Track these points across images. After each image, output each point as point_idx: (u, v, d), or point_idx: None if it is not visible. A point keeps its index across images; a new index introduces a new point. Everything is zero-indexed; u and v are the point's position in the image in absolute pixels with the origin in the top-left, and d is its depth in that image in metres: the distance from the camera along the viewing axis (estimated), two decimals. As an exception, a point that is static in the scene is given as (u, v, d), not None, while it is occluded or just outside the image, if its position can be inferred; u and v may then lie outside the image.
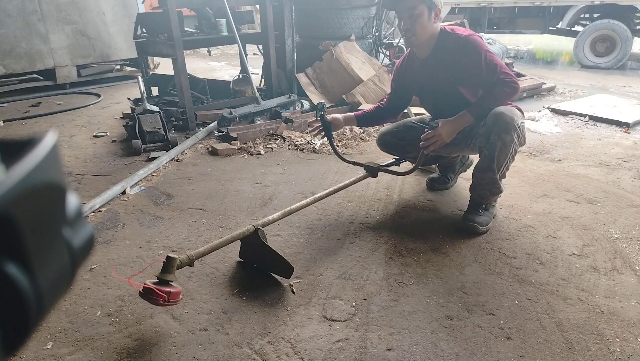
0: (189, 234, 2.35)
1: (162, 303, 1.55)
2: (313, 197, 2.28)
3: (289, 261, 1.85)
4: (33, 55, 5.84)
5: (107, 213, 2.60)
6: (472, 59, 2.12)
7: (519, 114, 2.17)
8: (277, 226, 2.38)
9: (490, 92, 2.13)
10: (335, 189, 2.37)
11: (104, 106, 5.32)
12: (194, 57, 9.51)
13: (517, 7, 8.26)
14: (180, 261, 1.65)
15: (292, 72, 4.89)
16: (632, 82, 6.09)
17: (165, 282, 1.59)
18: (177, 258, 1.63)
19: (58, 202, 0.31)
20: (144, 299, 1.58)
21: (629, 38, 7.06)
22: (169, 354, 1.56)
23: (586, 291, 1.82)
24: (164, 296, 1.53)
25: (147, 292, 1.54)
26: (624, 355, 1.50)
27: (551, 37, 9.40)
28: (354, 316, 1.71)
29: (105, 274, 2.01)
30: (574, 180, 2.91)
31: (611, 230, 2.28)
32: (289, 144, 3.71)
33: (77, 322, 1.72)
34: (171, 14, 3.84)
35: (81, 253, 0.32)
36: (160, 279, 1.60)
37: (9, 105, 5.39)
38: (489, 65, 2.11)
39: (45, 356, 1.56)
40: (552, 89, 5.59)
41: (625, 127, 3.97)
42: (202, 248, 1.77)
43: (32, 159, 0.27)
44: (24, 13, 5.66)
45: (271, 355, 1.54)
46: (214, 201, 2.71)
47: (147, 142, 3.62)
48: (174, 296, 1.57)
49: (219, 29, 4.44)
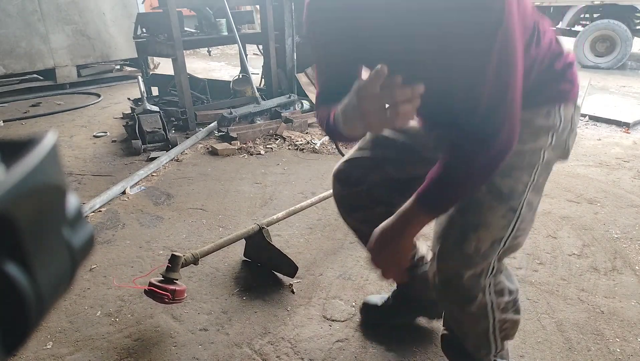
0: (189, 234, 2.35)
1: (167, 301, 1.57)
2: (317, 197, 2.27)
3: (293, 261, 1.86)
4: (33, 55, 5.84)
5: (107, 213, 2.60)
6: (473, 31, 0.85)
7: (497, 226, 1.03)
8: (278, 226, 2.38)
9: (458, 155, 0.95)
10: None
11: (104, 106, 5.32)
12: (194, 57, 9.51)
13: None
14: (185, 259, 1.66)
15: (292, 72, 4.88)
16: (632, 82, 6.09)
17: (170, 280, 1.61)
18: (182, 256, 1.65)
19: (58, 202, 0.31)
20: (149, 297, 1.59)
21: (629, 38, 7.06)
22: (169, 354, 1.56)
23: (586, 291, 1.82)
24: (169, 294, 1.55)
25: (152, 290, 1.56)
26: (624, 355, 1.50)
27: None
28: (354, 316, 1.71)
29: (105, 274, 2.01)
30: (574, 180, 2.91)
31: (611, 230, 2.28)
32: (289, 144, 3.71)
33: (77, 322, 1.72)
34: (171, 14, 3.84)
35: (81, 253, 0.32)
36: (165, 277, 1.62)
37: (9, 105, 5.39)
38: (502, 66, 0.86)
39: (45, 356, 1.56)
40: (552, 89, 5.58)
41: (625, 127, 3.97)
42: (206, 247, 1.77)
43: (32, 160, 0.27)
44: (24, 13, 5.66)
45: (271, 355, 1.54)
46: (214, 201, 2.71)
47: (147, 142, 3.62)
48: (178, 294, 1.58)
49: (219, 29, 4.44)
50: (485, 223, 1.02)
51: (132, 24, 4.90)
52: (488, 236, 1.02)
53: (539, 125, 1.06)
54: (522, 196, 1.04)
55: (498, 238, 1.04)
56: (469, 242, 1.02)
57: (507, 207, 1.03)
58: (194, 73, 5.14)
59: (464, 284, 1.05)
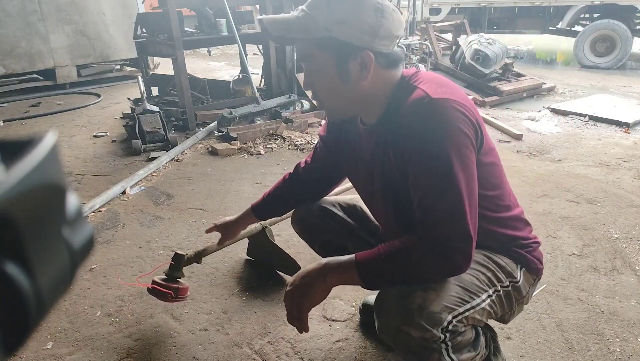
0: (189, 234, 2.35)
1: (170, 300, 1.58)
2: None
3: (295, 260, 1.86)
4: (33, 55, 5.84)
5: (107, 213, 2.60)
6: (419, 157, 0.97)
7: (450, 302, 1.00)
8: (278, 226, 2.38)
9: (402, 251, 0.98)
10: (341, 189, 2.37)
11: (104, 106, 5.32)
12: (194, 57, 9.51)
13: (517, 7, 8.26)
14: (187, 257, 1.66)
15: (292, 72, 4.88)
16: (632, 82, 6.09)
17: (173, 278, 1.62)
18: (185, 255, 1.66)
19: (58, 202, 0.31)
20: (152, 295, 1.61)
21: (629, 38, 7.06)
22: (169, 354, 1.56)
23: (586, 291, 1.82)
24: (172, 292, 1.56)
25: (156, 288, 1.58)
26: (624, 355, 1.50)
27: (551, 37, 9.40)
28: (354, 316, 1.71)
29: (105, 274, 2.01)
30: (574, 180, 2.91)
31: (611, 230, 2.28)
32: (289, 144, 3.71)
33: (77, 322, 1.72)
34: (171, 14, 3.84)
35: (81, 253, 0.32)
36: (168, 275, 1.63)
37: (9, 105, 5.39)
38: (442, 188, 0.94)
39: (45, 356, 1.56)
40: (552, 89, 5.59)
41: (625, 127, 3.97)
42: (209, 245, 1.77)
43: (32, 159, 0.27)
44: (24, 13, 5.66)
45: (271, 355, 1.54)
46: (214, 201, 2.71)
47: (147, 142, 3.62)
48: (182, 293, 1.60)
49: (219, 29, 4.44)
50: (437, 288, 1.00)
51: (132, 24, 4.90)
52: (437, 299, 0.98)
53: (499, 263, 1.12)
54: (481, 293, 1.06)
55: (450, 307, 0.99)
56: (414, 297, 0.97)
57: (462, 289, 1.03)
58: (194, 73, 5.14)
59: (410, 345, 0.99)
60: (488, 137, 1.06)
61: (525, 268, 1.15)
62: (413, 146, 0.97)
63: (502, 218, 1.12)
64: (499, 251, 1.13)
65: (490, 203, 1.08)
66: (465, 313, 1.01)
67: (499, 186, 1.11)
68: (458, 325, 1.00)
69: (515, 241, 1.14)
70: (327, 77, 1.03)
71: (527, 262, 1.15)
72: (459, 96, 0.98)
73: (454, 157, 0.92)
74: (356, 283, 1.01)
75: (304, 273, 1.06)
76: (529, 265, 1.15)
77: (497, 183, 1.10)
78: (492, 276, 1.09)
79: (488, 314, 1.08)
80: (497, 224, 1.11)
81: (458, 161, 0.92)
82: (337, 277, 1.02)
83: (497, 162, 1.11)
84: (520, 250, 1.15)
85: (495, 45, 5.24)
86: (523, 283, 1.14)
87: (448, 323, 0.98)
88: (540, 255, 1.20)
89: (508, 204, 1.14)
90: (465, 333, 1.04)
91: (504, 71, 5.52)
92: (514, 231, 1.15)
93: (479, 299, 1.04)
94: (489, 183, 1.07)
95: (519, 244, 1.15)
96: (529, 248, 1.17)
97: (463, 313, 1.01)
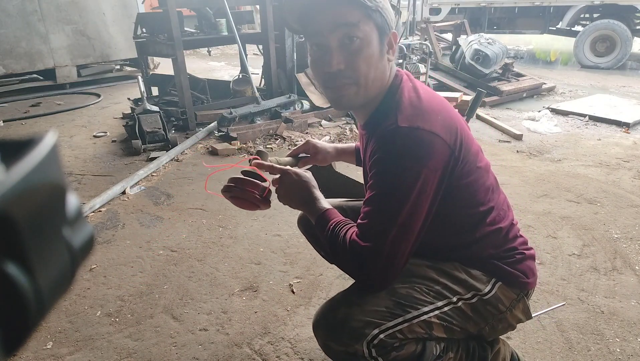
0: (189, 234, 2.35)
1: (258, 197, 1.16)
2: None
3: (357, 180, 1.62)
4: (33, 55, 5.84)
5: (107, 213, 2.60)
6: (375, 177, 0.99)
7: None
8: (278, 226, 2.38)
9: (339, 240, 1.01)
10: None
11: (104, 106, 5.32)
12: (194, 57, 9.51)
13: (517, 7, 8.27)
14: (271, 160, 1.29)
15: (292, 72, 4.88)
16: (632, 82, 6.09)
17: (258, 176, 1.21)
18: (267, 153, 1.28)
19: (58, 202, 0.30)
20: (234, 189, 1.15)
21: (629, 38, 7.06)
22: (169, 354, 1.56)
23: (586, 291, 1.82)
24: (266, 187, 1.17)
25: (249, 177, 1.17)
26: (624, 355, 1.50)
27: (551, 37, 9.40)
28: (354, 316, 1.71)
29: (105, 274, 2.01)
30: (574, 180, 2.91)
31: (611, 230, 2.28)
32: (289, 144, 3.71)
33: (77, 322, 1.72)
34: (171, 14, 3.84)
35: (81, 253, 0.32)
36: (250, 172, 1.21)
37: (9, 105, 5.39)
38: (379, 208, 0.97)
39: (45, 356, 1.56)
40: (552, 89, 5.59)
41: (625, 127, 3.98)
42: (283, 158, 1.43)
43: (32, 159, 0.27)
44: (24, 13, 5.66)
45: (271, 355, 1.54)
46: (214, 201, 2.71)
47: (147, 142, 3.62)
48: (269, 194, 1.18)
49: (219, 29, 4.45)
50: (361, 304, 1.01)
51: (132, 24, 4.90)
52: (359, 315, 0.99)
53: (456, 276, 1.08)
54: (422, 306, 1.03)
55: (375, 322, 0.99)
56: (337, 312, 1.02)
57: (394, 302, 1.01)
58: (194, 73, 5.14)
59: (338, 358, 1.04)
60: (473, 153, 1.05)
61: (502, 281, 1.11)
62: (373, 166, 1.00)
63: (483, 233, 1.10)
64: (472, 264, 1.11)
65: (472, 219, 1.08)
66: (397, 326, 1.00)
67: (485, 202, 1.09)
68: (388, 340, 0.99)
69: (494, 254, 1.11)
70: (371, 46, 1.01)
71: (506, 275, 1.11)
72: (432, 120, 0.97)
73: (403, 188, 0.94)
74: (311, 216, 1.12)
75: (295, 187, 1.14)
76: (508, 278, 1.11)
77: (481, 199, 1.08)
78: (443, 288, 1.07)
79: (439, 326, 1.05)
80: (473, 240, 1.10)
81: (403, 193, 0.94)
82: (306, 209, 1.13)
83: (483, 178, 1.08)
84: (498, 262, 1.11)
85: (495, 46, 5.24)
86: (496, 296, 1.10)
87: (373, 337, 0.98)
88: (527, 268, 1.14)
89: (493, 219, 1.11)
90: (402, 348, 1.02)
91: (504, 71, 5.53)
92: (495, 245, 1.12)
93: (418, 312, 1.02)
94: (472, 202, 1.07)
95: (498, 257, 1.11)
96: (510, 259, 1.12)
97: (394, 326, 1.00)
